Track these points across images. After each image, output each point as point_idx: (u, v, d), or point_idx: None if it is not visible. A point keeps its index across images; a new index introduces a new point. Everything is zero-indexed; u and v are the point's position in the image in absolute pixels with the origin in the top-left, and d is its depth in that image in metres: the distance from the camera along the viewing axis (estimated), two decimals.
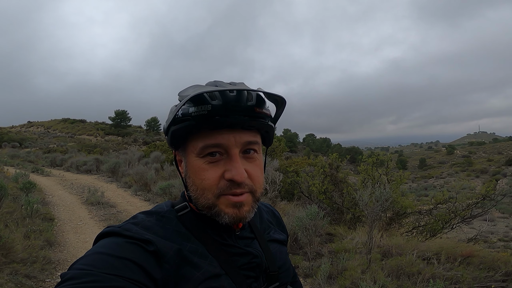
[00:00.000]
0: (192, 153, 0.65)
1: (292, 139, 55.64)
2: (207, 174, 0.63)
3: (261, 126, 0.66)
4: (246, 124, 0.63)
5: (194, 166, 0.65)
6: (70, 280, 0.51)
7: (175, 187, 7.89)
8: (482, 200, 5.32)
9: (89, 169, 15.07)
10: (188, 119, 0.62)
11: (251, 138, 0.65)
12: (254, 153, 0.67)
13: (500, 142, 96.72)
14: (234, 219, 0.64)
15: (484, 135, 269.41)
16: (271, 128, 0.69)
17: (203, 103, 0.61)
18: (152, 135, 50.33)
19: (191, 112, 0.61)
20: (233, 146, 0.63)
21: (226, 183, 0.63)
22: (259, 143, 0.69)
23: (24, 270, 3.41)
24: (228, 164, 0.63)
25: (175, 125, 0.65)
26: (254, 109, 0.63)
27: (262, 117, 0.66)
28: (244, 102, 0.62)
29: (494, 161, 53.87)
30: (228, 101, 0.61)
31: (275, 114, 0.71)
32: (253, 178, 0.66)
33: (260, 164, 0.69)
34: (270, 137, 0.72)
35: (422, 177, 44.79)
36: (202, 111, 0.61)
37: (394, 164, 7.52)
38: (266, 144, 0.73)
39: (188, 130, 0.63)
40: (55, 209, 7.00)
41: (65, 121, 58.84)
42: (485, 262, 3.57)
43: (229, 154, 0.63)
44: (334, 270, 3.68)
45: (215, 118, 0.61)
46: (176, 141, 0.67)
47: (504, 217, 18.67)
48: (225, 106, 0.61)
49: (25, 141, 36.70)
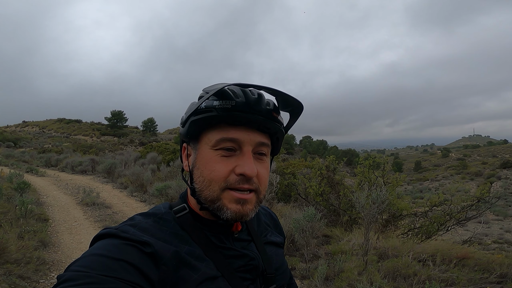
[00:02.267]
0: (207, 145, 0.67)
1: (289, 141, 55.74)
2: (218, 166, 0.65)
3: (275, 130, 0.70)
4: (262, 124, 0.67)
5: (206, 157, 0.67)
6: (66, 282, 0.51)
7: (172, 188, 7.85)
8: (476, 202, 5.37)
9: (85, 170, 14.96)
10: (211, 110, 0.65)
11: (264, 140, 0.69)
12: (264, 156, 0.70)
13: (495, 145, 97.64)
14: (236, 215, 0.65)
15: (479, 138, 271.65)
16: (282, 134, 0.73)
17: (227, 98, 0.65)
18: (148, 135, 50.15)
19: (215, 105, 0.65)
20: (248, 144, 0.66)
21: (236, 178, 0.65)
22: (269, 147, 0.72)
23: (18, 270, 3.37)
24: (240, 160, 0.65)
25: (196, 115, 0.67)
26: (272, 113, 0.68)
27: (278, 121, 0.70)
28: (264, 105, 0.67)
29: (489, 164, 54.35)
30: (250, 100, 0.66)
31: (288, 123, 0.75)
32: (260, 179, 0.68)
33: (267, 167, 0.71)
34: (279, 145, 0.75)
35: (418, 179, 45.05)
36: (226, 105, 0.65)
37: (390, 166, 7.55)
38: (274, 152, 0.76)
39: (208, 121, 0.66)
40: (49, 209, 6.93)
41: (60, 121, 58.46)
42: (480, 264, 3.60)
43: (242, 151, 0.66)
44: (331, 272, 3.68)
45: (236, 113, 0.65)
46: (192, 131, 0.69)
47: (499, 219, 18.84)
48: (247, 104, 0.65)
49: (20, 141, 36.40)
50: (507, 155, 69.77)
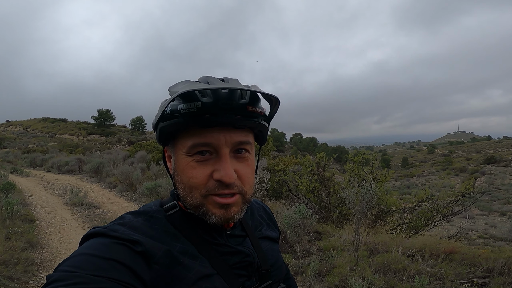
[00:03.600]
0: (181, 151, 0.63)
1: (279, 139, 55.89)
2: (195, 173, 0.62)
3: (253, 126, 0.64)
4: (237, 123, 0.61)
5: (182, 164, 0.63)
6: (55, 282, 0.50)
7: (162, 187, 7.78)
8: (462, 197, 5.50)
9: (71, 170, 14.67)
10: (177, 116, 0.60)
11: (243, 138, 0.63)
12: (246, 153, 0.65)
13: (479, 142, 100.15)
14: (222, 220, 0.63)
15: (463, 135, 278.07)
16: (264, 127, 0.67)
17: (192, 100, 0.58)
18: (137, 134, 49.45)
19: (180, 109, 0.59)
20: (223, 146, 0.61)
21: (215, 184, 0.61)
22: (251, 143, 0.66)
23: (6, 272, 3.30)
24: (217, 164, 0.61)
25: (163, 122, 0.62)
26: (247, 107, 0.61)
27: (255, 116, 0.63)
28: (237, 100, 0.59)
29: (473, 159, 55.68)
30: (219, 98, 0.58)
31: (269, 113, 0.68)
32: (243, 179, 0.64)
33: (251, 164, 0.66)
34: (264, 136, 0.70)
35: (405, 175, 45.82)
36: (191, 108, 0.58)
37: (379, 163, 7.67)
38: (260, 142, 0.71)
39: (177, 128, 0.61)
40: (36, 210, 6.78)
41: (45, 121, 57.03)
42: (466, 259, 3.69)
43: (219, 154, 0.61)
44: (323, 268, 3.72)
45: (204, 117, 0.59)
46: (164, 138, 0.65)
47: (483, 214, 19.32)
48: (215, 104, 0.58)
49: (4, 141, 35.38)
50: (491, 151, 71.71)
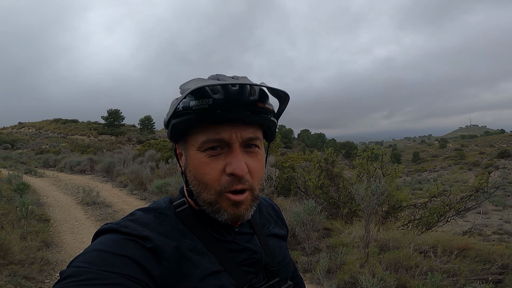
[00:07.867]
0: (193, 147, 0.64)
1: (287, 135, 55.77)
2: (208, 169, 0.63)
3: (263, 122, 0.66)
4: (247, 119, 0.62)
5: (195, 160, 0.64)
6: (68, 278, 0.51)
7: (171, 185, 7.86)
8: (475, 192, 5.39)
9: (83, 169, 14.92)
10: (189, 112, 0.61)
11: (252, 134, 0.64)
12: (256, 148, 0.66)
13: (492, 135, 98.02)
14: (233, 217, 0.64)
15: (475, 128, 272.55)
16: (273, 123, 0.68)
17: (204, 96, 0.60)
18: (146, 133, 49.99)
19: (192, 105, 0.60)
20: (234, 141, 0.62)
21: (228, 179, 0.62)
22: (261, 139, 0.68)
23: (22, 271, 3.38)
24: (229, 158, 0.62)
25: (175, 119, 0.64)
26: (257, 104, 0.62)
27: (265, 112, 0.65)
28: (247, 96, 0.61)
29: (486, 153, 54.60)
30: (230, 95, 0.60)
31: (278, 110, 0.70)
32: (253, 174, 0.65)
33: (261, 159, 0.68)
34: (273, 133, 0.71)
35: (416, 170, 45.23)
36: (203, 104, 0.60)
37: (388, 158, 7.55)
38: (268, 139, 0.72)
39: (189, 124, 0.63)
40: (50, 210, 6.93)
41: (56, 122, 58.09)
42: (481, 255, 3.63)
43: (230, 148, 0.63)
44: (333, 265, 3.71)
45: (216, 112, 0.60)
46: (176, 135, 0.66)
47: (498, 209, 18.93)
48: (226, 100, 0.60)
49: (17, 143, 36.21)
50: (504, 144, 70.14)
